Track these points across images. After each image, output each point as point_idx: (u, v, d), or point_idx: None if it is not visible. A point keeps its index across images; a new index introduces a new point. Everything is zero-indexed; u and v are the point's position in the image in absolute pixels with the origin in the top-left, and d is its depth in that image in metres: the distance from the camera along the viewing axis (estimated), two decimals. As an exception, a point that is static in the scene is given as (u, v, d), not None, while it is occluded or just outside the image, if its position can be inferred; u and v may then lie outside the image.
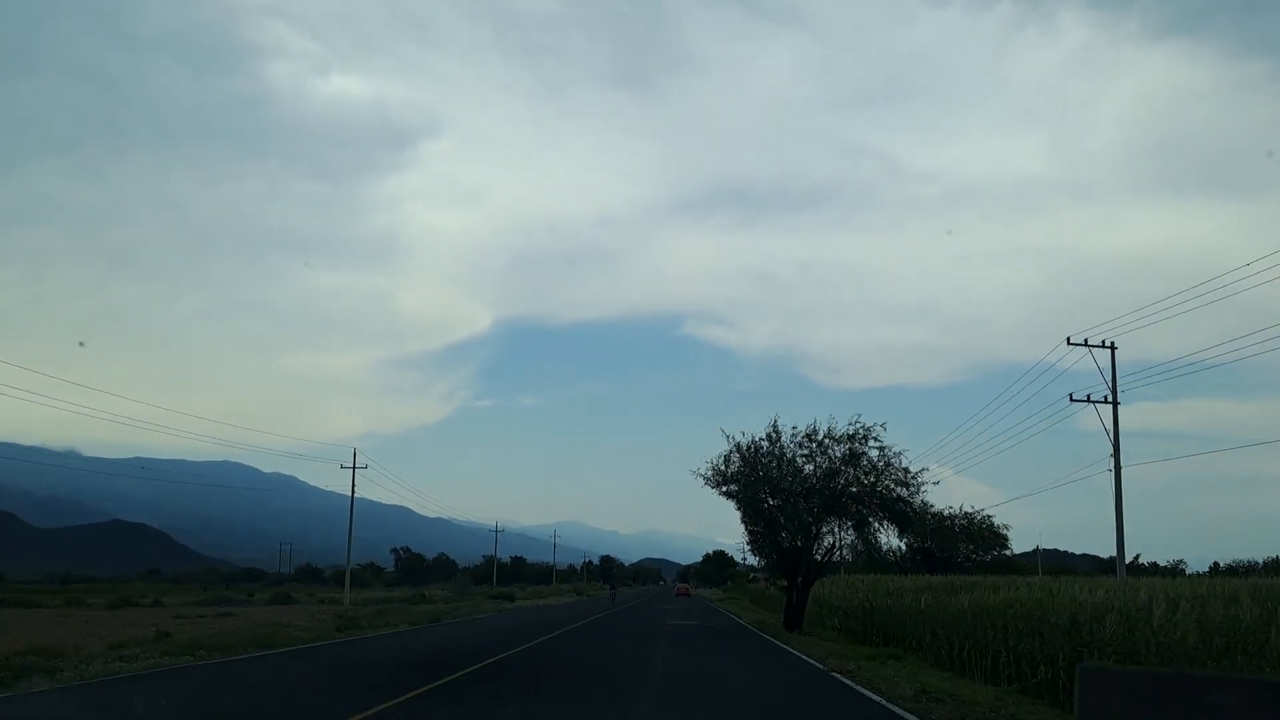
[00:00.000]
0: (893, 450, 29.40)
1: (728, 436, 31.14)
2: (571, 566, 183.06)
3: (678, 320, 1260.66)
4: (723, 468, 31.29)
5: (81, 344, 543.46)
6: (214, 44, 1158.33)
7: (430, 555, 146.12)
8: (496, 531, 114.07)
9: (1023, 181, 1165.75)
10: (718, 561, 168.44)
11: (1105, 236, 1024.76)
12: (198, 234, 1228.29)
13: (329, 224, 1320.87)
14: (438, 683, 14.36)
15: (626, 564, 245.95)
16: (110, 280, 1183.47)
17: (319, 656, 20.21)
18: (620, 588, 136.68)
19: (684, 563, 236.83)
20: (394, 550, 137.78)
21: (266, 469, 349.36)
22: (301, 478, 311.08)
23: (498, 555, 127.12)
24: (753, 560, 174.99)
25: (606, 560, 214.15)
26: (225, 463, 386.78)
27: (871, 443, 29.42)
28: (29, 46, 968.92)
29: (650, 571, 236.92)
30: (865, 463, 29.73)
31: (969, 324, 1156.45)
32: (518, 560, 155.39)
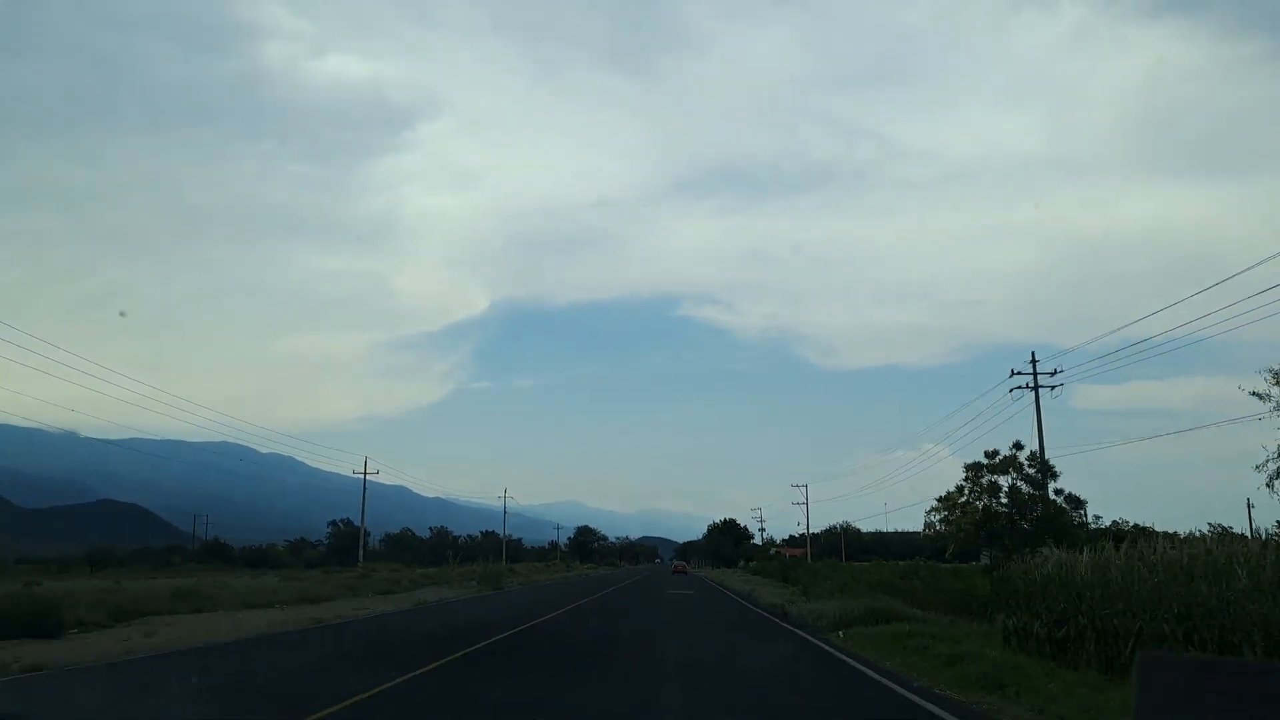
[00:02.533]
0: None
1: None
2: (554, 543, 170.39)
3: (674, 301, 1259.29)
4: None
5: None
6: (207, 24, 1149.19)
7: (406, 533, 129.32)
8: (364, 476, 74.88)
9: (1019, 160, 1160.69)
10: (728, 533, 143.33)
11: (1101, 215, 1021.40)
12: (192, 216, 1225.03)
13: (325, 206, 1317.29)
14: None
15: (612, 538, 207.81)
16: (105, 262, 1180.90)
17: None
18: (594, 567, 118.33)
19: (681, 540, 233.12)
20: (331, 523, 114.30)
21: (264, 450, 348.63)
22: (300, 458, 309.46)
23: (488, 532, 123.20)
24: (774, 533, 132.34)
25: (584, 533, 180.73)
26: (222, 443, 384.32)
27: None
28: (21, 28, 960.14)
29: (646, 549, 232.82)
30: None
31: (964, 304, 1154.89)
32: (488, 535, 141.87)
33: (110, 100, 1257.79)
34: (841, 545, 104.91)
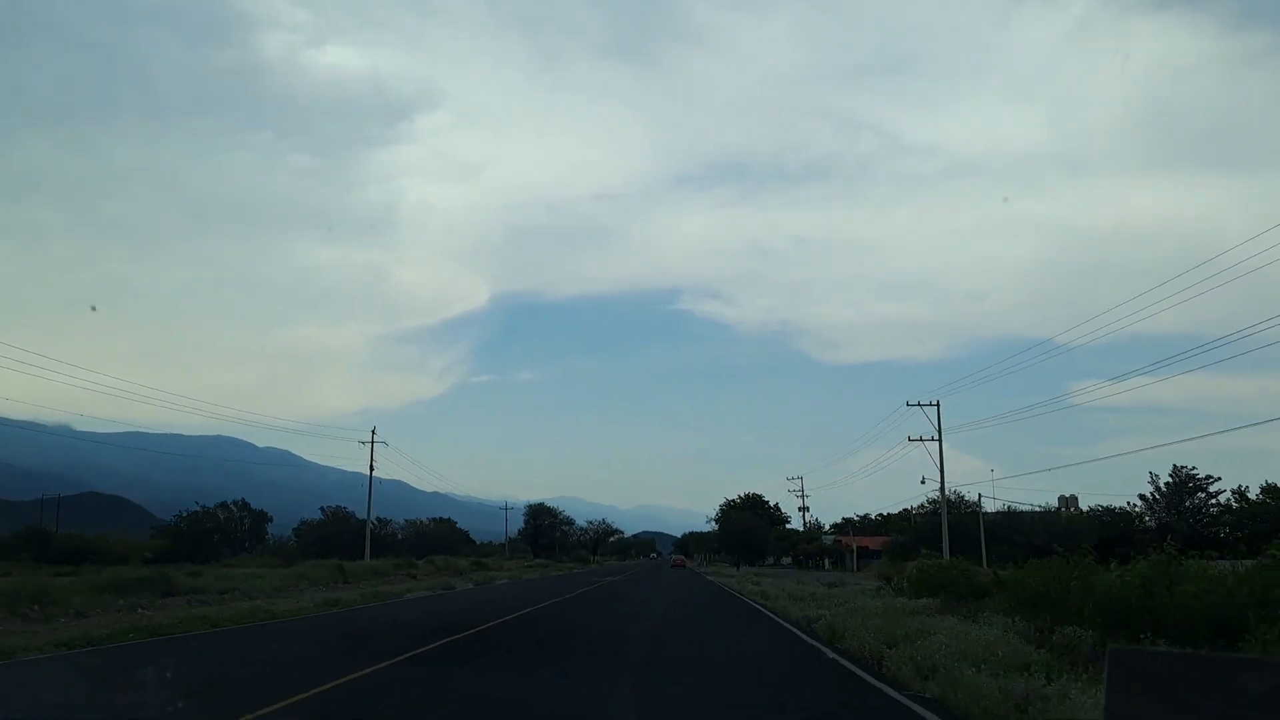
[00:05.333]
0: None
1: None
2: (521, 533, 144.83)
3: (674, 295, 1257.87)
4: None
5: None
6: (206, 14, 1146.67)
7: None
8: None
9: (1022, 154, 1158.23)
10: (753, 510, 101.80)
11: (1105, 210, 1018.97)
12: (191, 207, 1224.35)
13: (324, 197, 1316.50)
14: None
15: (583, 523, 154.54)
16: (103, 253, 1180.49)
17: None
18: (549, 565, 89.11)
19: (679, 534, 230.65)
20: (221, 505, 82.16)
21: (261, 444, 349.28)
22: (296, 452, 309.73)
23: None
24: (819, 517, 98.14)
25: (540, 515, 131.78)
26: (219, 437, 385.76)
27: None
28: (19, 17, 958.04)
29: (640, 543, 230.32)
30: None
31: (967, 298, 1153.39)
32: (443, 521, 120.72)
33: (109, 90, 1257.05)
34: (981, 536, 62.08)
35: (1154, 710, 5.12)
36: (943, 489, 52.84)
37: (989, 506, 70.79)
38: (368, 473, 65.37)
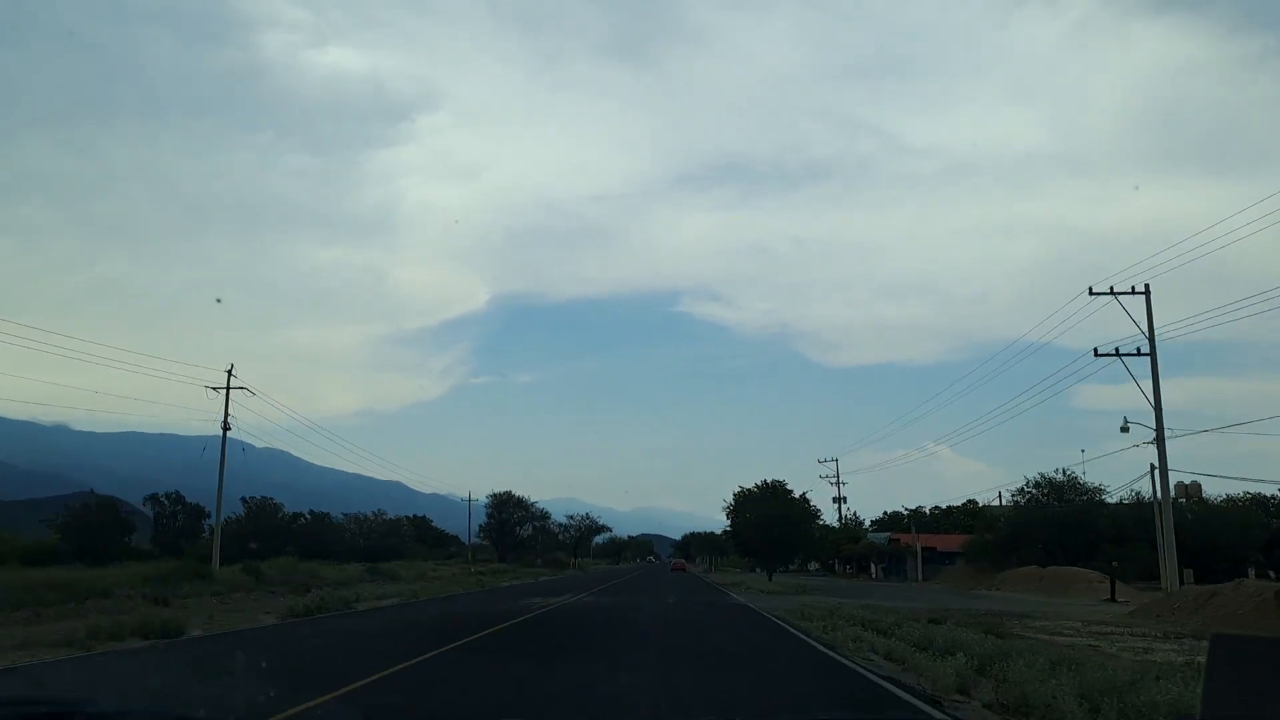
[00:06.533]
0: None
1: None
2: (485, 529, 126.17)
3: (674, 297, 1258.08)
4: None
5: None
6: (206, 14, 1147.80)
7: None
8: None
9: (1022, 156, 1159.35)
10: (778, 496, 71.89)
11: (1105, 211, 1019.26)
12: (190, 207, 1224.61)
13: (323, 198, 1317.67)
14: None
15: (561, 518, 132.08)
16: (102, 253, 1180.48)
17: None
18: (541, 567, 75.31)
19: (678, 537, 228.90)
20: (150, 498, 70.90)
21: (260, 445, 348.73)
22: (296, 454, 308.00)
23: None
24: (863, 513, 76.64)
25: (504, 508, 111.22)
26: (217, 437, 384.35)
27: None
28: (18, 18, 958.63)
29: (636, 544, 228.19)
30: None
31: (967, 300, 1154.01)
32: (418, 519, 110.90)
33: (108, 91, 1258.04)
34: (1169, 531, 37.05)
35: (1253, 695, 4.82)
36: (1159, 428, 33.02)
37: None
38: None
